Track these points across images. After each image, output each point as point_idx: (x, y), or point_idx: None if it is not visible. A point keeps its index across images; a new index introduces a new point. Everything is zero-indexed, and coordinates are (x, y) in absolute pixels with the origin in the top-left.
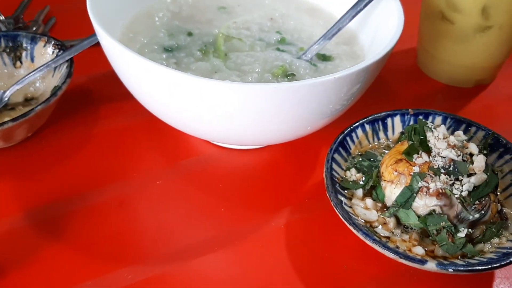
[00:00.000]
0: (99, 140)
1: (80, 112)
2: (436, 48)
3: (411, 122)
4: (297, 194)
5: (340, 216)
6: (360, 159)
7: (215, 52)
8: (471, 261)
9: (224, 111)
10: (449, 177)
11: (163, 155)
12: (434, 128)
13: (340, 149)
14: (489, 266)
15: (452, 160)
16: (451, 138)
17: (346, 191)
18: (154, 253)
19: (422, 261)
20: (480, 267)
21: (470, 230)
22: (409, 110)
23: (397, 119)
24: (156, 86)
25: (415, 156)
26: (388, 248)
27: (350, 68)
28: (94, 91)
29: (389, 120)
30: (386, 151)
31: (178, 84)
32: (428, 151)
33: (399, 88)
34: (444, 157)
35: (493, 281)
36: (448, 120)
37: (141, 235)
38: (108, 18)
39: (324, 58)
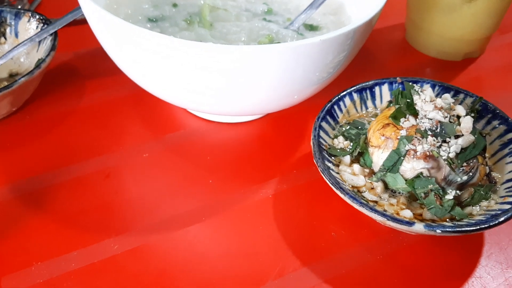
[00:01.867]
0: (85, 114)
1: (66, 87)
2: (424, 20)
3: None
4: (285, 165)
5: (327, 181)
6: (348, 128)
7: (200, 22)
8: (460, 223)
9: (206, 76)
10: (436, 139)
11: (150, 128)
12: (421, 91)
13: (328, 117)
14: (478, 227)
15: (439, 121)
16: (438, 100)
17: (333, 158)
18: (140, 223)
19: (410, 223)
20: (468, 228)
21: (458, 192)
22: (397, 78)
23: (385, 87)
24: (139, 51)
25: (402, 120)
26: (375, 211)
27: (336, 31)
28: (80, 68)
29: (377, 89)
30: (374, 119)
31: (159, 47)
32: (415, 114)
33: (387, 62)
34: (431, 119)
35: (483, 246)
36: (436, 87)
37: (127, 207)
38: None
39: (311, 28)
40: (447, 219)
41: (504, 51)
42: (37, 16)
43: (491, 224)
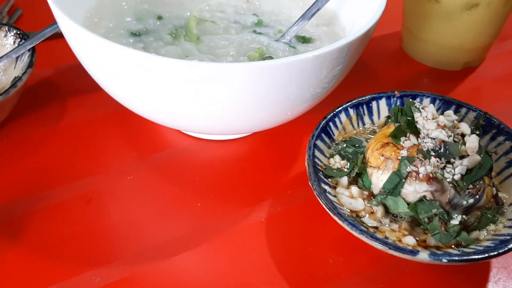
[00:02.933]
0: (65, 135)
1: (45, 106)
2: (421, 29)
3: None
4: (278, 186)
5: (324, 206)
6: (345, 146)
7: (186, 36)
8: (466, 250)
9: (192, 95)
10: (440, 159)
11: (135, 148)
12: (422, 108)
13: (323, 135)
14: (486, 255)
15: (443, 141)
16: (441, 118)
17: (330, 180)
18: (124, 253)
19: (414, 252)
20: (476, 256)
21: (464, 216)
22: (395, 92)
23: (383, 102)
24: (117, 69)
25: (402, 139)
26: (376, 239)
27: (330, 46)
28: (60, 84)
29: (374, 104)
30: (372, 136)
31: (138, 65)
32: (417, 133)
33: (384, 73)
34: (433, 139)
35: (489, 271)
36: (437, 101)
37: (110, 235)
38: (71, 3)
39: (304, 40)
40: (453, 245)
41: (505, 59)
42: (14, 31)
43: (500, 251)
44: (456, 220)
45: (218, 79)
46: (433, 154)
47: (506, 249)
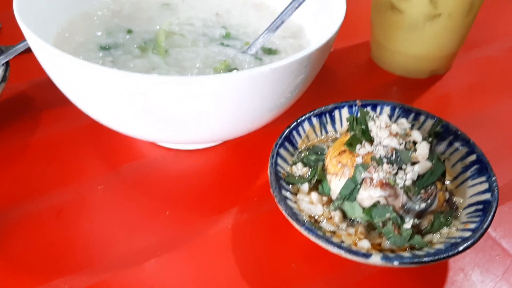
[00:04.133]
0: (37, 148)
1: (18, 120)
2: (388, 39)
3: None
4: (245, 194)
5: (283, 212)
6: (307, 153)
7: (154, 49)
8: (419, 253)
9: (156, 108)
10: (392, 166)
11: (105, 160)
12: (376, 117)
13: (286, 143)
14: (436, 257)
15: (394, 148)
16: (393, 126)
17: (291, 187)
18: (93, 261)
19: (366, 255)
20: (426, 259)
21: (416, 220)
22: (357, 101)
23: (345, 111)
24: (78, 83)
25: (358, 146)
26: (331, 243)
27: (287, 58)
28: (35, 98)
29: (336, 113)
30: (331, 146)
31: (100, 80)
32: (371, 141)
33: (352, 82)
34: (386, 146)
35: (447, 273)
36: (397, 109)
37: (79, 244)
38: (42, 18)
39: (269, 52)
40: (407, 248)
41: (471, 67)
42: None
43: (450, 254)
44: (408, 224)
45: (179, 93)
46: (386, 161)
47: (455, 251)
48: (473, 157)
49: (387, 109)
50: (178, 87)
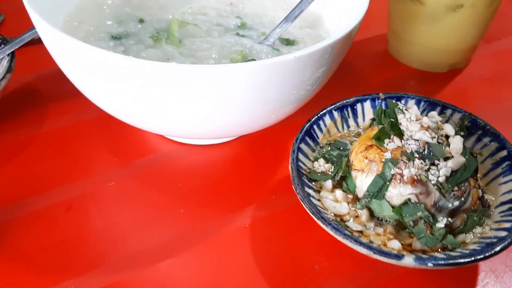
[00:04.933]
0: (46, 141)
1: (26, 112)
2: (407, 31)
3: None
4: (263, 190)
5: (307, 210)
6: (329, 149)
7: (168, 39)
8: (453, 253)
9: (172, 99)
10: (424, 161)
11: (116, 154)
12: (406, 110)
13: (307, 138)
14: (473, 259)
15: (427, 143)
16: (425, 119)
17: (314, 183)
18: (105, 261)
19: (399, 256)
20: (462, 260)
21: (450, 219)
22: (380, 94)
23: (367, 104)
24: (95, 72)
25: (386, 141)
26: (360, 243)
27: (311, 47)
28: (41, 90)
29: (358, 106)
30: (357, 139)
31: (116, 68)
32: (400, 134)
33: (369, 75)
34: (417, 140)
35: (477, 275)
36: (422, 103)
37: (90, 243)
38: (50, 5)
39: (287, 42)
40: (439, 249)
41: (491, 61)
42: None
43: (487, 254)
44: (441, 223)
45: (197, 82)
46: (417, 156)
47: (492, 252)
48: (503, 153)
49: (411, 103)
50: (196, 75)
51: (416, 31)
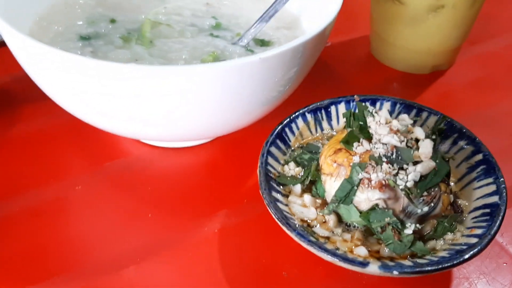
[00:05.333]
0: (13, 145)
1: None
2: (388, 32)
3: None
4: (234, 196)
5: (273, 215)
6: (301, 152)
7: (138, 40)
8: (420, 261)
9: (137, 100)
10: (392, 166)
11: (86, 158)
12: (375, 113)
13: (278, 141)
14: (440, 266)
15: (395, 146)
16: (394, 122)
17: (283, 188)
18: (70, 268)
19: (363, 264)
20: (429, 268)
21: (418, 225)
22: (355, 96)
23: (342, 106)
24: (53, 73)
25: (355, 144)
26: (325, 250)
27: (280, 47)
28: (13, 93)
29: (332, 108)
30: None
31: (73, 68)
32: (370, 138)
33: (351, 78)
34: (385, 144)
35: (451, 282)
36: (398, 105)
37: (55, 250)
38: (18, 6)
39: (262, 43)
40: (408, 256)
41: (474, 63)
42: None
43: (455, 262)
44: (410, 229)
45: (160, 84)
46: (385, 160)
47: (461, 259)
48: (479, 157)
49: (387, 105)
50: (157, 77)
51: (398, 33)
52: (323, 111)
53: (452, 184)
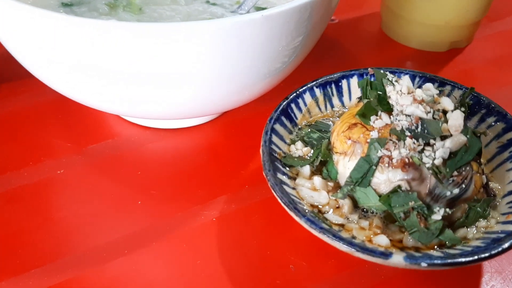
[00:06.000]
0: None
1: None
2: (402, 6)
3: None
4: (235, 180)
5: (279, 200)
6: (309, 131)
7: (126, 7)
8: (451, 251)
9: (119, 62)
10: (417, 141)
11: (70, 139)
12: (396, 81)
13: (283, 118)
14: (476, 258)
15: (420, 118)
16: (418, 91)
17: (289, 169)
18: (53, 259)
19: (386, 254)
20: (463, 259)
21: (448, 210)
22: (369, 69)
23: (354, 81)
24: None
25: (372, 118)
26: (340, 239)
27: (284, 5)
28: None
29: (344, 83)
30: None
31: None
32: (389, 110)
33: (361, 57)
34: (409, 116)
35: (481, 277)
36: (417, 79)
37: (35, 239)
38: None
39: None
40: (435, 246)
41: (494, 40)
42: None
43: (493, 252)
44: (438, 214)
45: (145, 45)
46: (409, 134)
47: (499, 249)
48: (511, 135)
49: (405, 78)
50: (143, 34)
51: (413, 6)
52: (333, 86)
53: (482, 165)
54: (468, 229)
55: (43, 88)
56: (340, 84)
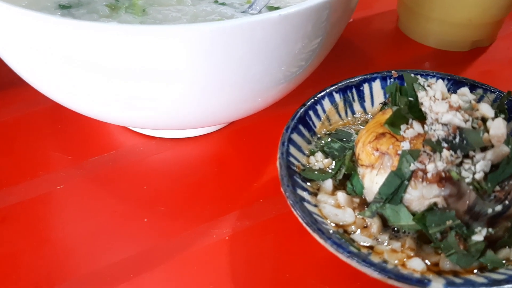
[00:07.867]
0: None
1: None
2: (421, 4)
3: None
4: (247, 194)
5: (300, 219)
6: (329, 140)
7: (128, 8)
8: (495, 275)
9: (132, 68)
10: (455, 153)
11: (69, 151)
12: (428, 86)
13: (301, 127)
14: None
15: (458, 127)
16: (454, 97)
17: (309, 184)
18: (49, 285)
19: (423, 282)
20: (510, 285)
21: (490, 230)
22: (392, 72)
23: (377, 85)
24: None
25: (403, 127)
26: (370, 264)
27: (302, 3)
28: None
29: (366, 87)
30: (364, 127)
31: (47, 33)
32: (422, 118)
33: (378, 57)
34: (445, 125)
35: None
36: (445, 82)
37: (29, 262)
38: None
39: None
40: (476, 269)
41: None
42: None
43: None
44: (480, 235)
45: (147, 48)
46: (446, 145)
47: None
48: None
49: (439, 83)
50: (142, 40)
51: (433, 4)
52: (354, 90)
53: None
54: (511, 249)
55: (38, 96)
56: (361, 88)
